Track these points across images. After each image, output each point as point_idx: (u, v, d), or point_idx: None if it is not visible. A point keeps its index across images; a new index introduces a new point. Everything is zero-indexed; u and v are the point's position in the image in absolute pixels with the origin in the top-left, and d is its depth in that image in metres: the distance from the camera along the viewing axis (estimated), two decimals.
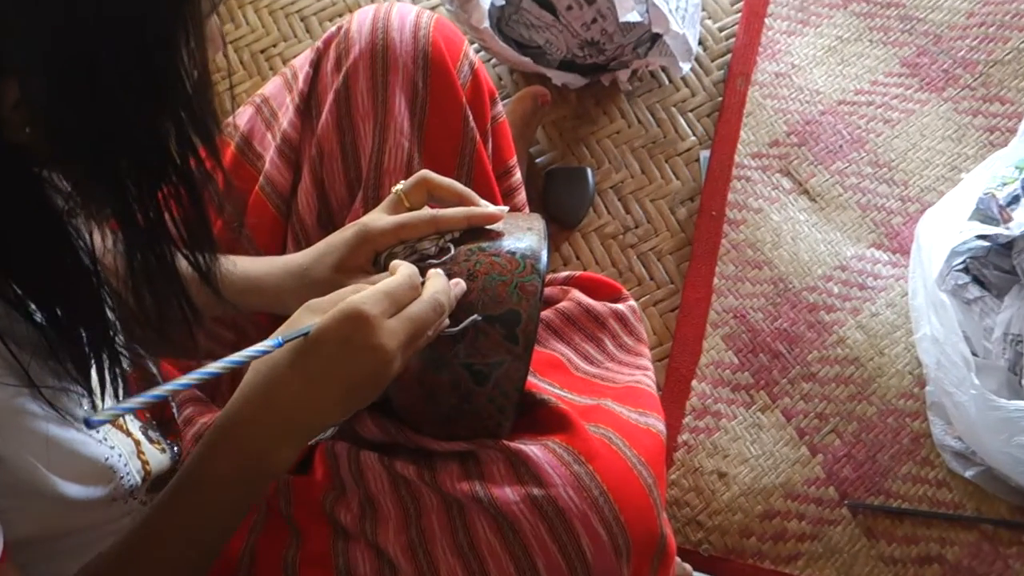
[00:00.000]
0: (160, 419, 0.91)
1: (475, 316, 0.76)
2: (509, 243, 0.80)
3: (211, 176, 0.64)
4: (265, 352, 0.66)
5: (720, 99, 1.64)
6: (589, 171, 1.56)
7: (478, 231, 0.82)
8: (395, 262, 0.75)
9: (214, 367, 0.63)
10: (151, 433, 0.84)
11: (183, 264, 0.66)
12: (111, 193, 0.58)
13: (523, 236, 0.81)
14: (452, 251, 0.79)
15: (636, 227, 1.54)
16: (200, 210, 0.63)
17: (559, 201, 1.53)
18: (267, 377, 0.68)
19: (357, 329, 0.66)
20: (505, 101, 1.56)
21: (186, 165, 0.60)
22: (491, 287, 0.76)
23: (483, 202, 0.84)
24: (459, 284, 0.76)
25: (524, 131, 1.51)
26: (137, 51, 0.53)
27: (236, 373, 0.67)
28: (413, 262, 0.78)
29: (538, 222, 0.83)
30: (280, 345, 0.66)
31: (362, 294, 0.68)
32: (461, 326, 0.75)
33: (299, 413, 0.68)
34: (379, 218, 0.82)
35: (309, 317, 0.69)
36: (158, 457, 0.81)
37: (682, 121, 1.63)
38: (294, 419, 0.68)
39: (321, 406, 0.68)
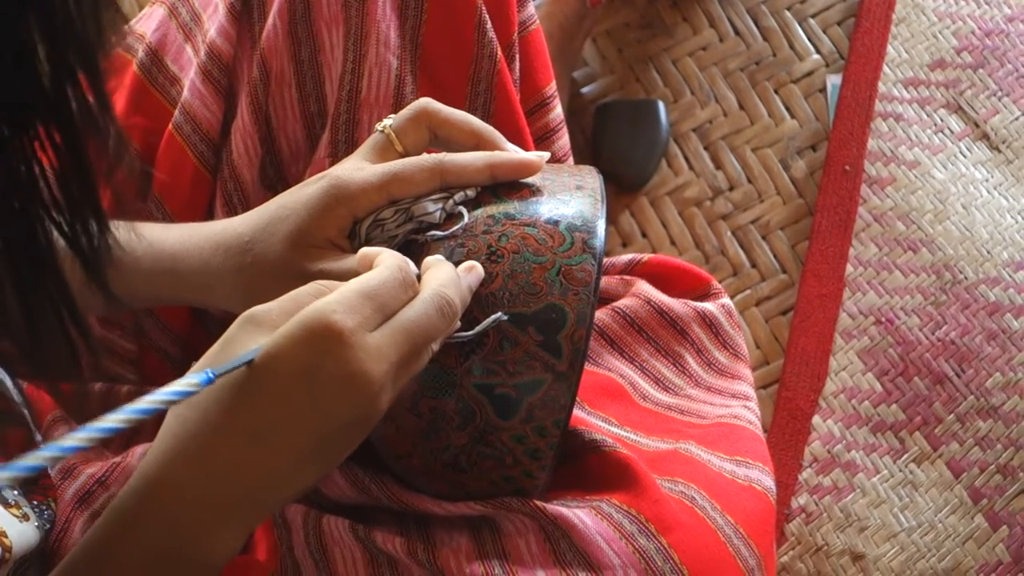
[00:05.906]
0: None
1: (498, 314, 0.75)
2: (549, 207, 0.79)
3: (98, 110, 0.63)
4: (189, 393, 0.64)
5: None
6: (661, 106, 1.55)
7: (503, 189, 0.82)
8: (368, 250, 0.73)
9: (113, 420, 0.61)
10: (5, 492, 0.83)
11: (58, 239, 0.66)
12: None
13: (570, 198, 0.80)
14: (466, 218, 0.79)
15: (730, 189, 1.54)
16: (80, 161, 0.63)
17: (617, 149, 1.53)
18: (197, 428, 0.66)
19: (327, 351, 0.65)
20: (538, 1, 1.56)
21: (60, 95, 0.60)
22: (522, 272, 0.76)
23: (510, 145, 0.84)
24: (474, 269, 0.75)
25: (566, 46, 1.51)
26: None
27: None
28: (408, 234, 0.78)
29: (591, 178, 0.83)
30: (211, 381, 0.64)
31: (329, 298, 0.66)
32: (477, 329, 0.75)
33: (246, 481, 0.67)
34: (358, 168, 0.81)
35: (252, 336, 0.67)
36: (18, 527, 0.81)
37: (800, 32, 1.63)
38: (239, 490, 0.67)
39: (278, 470, 0.67)
